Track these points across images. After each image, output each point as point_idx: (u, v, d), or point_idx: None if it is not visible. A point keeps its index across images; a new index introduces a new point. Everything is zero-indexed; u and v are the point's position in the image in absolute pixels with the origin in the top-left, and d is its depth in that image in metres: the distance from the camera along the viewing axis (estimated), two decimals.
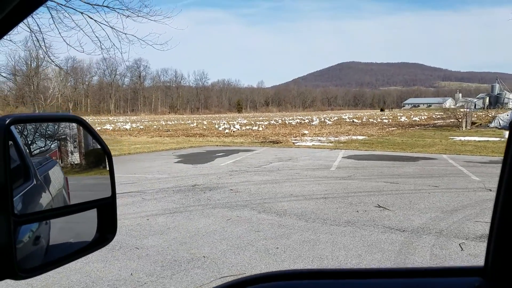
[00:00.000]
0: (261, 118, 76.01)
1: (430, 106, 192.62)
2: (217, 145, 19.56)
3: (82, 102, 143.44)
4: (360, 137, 23.34)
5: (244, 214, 6.64)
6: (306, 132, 27.00)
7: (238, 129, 34.12)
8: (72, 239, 0.79)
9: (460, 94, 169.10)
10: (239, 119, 67.63)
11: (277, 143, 20.05)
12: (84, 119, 0.80)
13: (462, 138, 21.37)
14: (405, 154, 14.88)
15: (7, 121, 0.61)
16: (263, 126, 35.20)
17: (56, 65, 15.41)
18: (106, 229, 0.76)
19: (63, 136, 0.87)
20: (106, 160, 0.82)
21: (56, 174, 0.81)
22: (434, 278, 0.64)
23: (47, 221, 0.72)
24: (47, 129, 0.82)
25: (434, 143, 19.13)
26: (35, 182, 0.74)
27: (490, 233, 0.61)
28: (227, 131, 31.38)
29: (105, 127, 42.01)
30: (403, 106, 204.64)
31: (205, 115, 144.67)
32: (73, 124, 0.85)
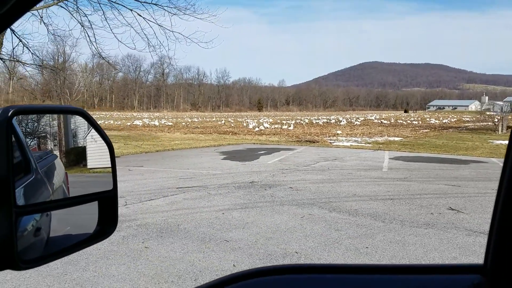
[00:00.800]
0: (284, 117, 75.86)
1: (455, 108, 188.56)
2: (254, 143, 19.63)
3: (107, 98, 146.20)
4: (396, 139, 23.05)
5: (315, 212, 6.66)
6: (339, 132, 26.83)
7: (268, 127, 34.18)
8: (72, 232, 0.79)
9: (487, 97, 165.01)
10: (263, 118, 67.73)
11: (314, 142, 19.99)
12: (87, 111, 0.79)
13: (503, 142, 20.86)
14: (451, 157, 14.64)
15: (10, 112, 0.60)
16: (292, 126, 35.10)
17: (107, 61, 15.76)
18: (107, 222, 0.75)
19: (43, 134, 0.84)
20: (108, 153, 0.80)
21: (56, 168, 0.80)
22: (434, 275, 0.64)
23: (48, 213, 0.73)
24: (27, 126, 0.79)
25: (476, 146, 18.74)
26: (35, 176, 0.73)
27: (490, 231, 0.60)
28: (257, 129, 31.48)
29: (134, 123, 42.70)
30: (428, 108, 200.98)
31: (226, 113, 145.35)
32: (54, 122, 0.82)
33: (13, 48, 16.34)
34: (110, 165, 0.79)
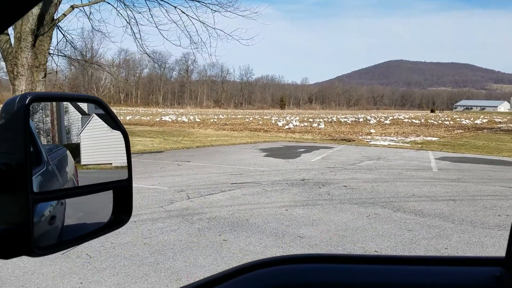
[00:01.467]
0: (307, 115, 75.47)
1: (483, 109, 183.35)
2: (289, 141, 19.63)
3: (132, 94, 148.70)
4: (433, 139, 22.62)
5: (379, 212, 6.63)
6: (372, 131, 26.53)
7: (296, 125, 34.11)
8: (86, 221, 0.79)
9: None
10: (288, 115, 67.58)
11: (350, 141, 19.83)
12: (103, 100, 0.78)
13: None
14: (497, 158, 14.29)
15: (28, 98, 0.60)
16: (322, 124, 34.90)
17: (149, 56, 16.00)
18: (122, 211, 0.75)
19: (37, 130, 0.84)
20: (124, 143, 0.80)
21: (66, 161, 0.80)
22: (456, 267, 0.64)
23: (62, 201, 0.74)
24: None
25: None
26: (46, 168, 0.73)
27: None
28: (287, 127, 31.44)
29: (163, 119, 43.31)
30: (455, 108, 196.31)
31: (248, 110, 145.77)
32: (47, 118, 0.82)
33: (57, 43, 16.83)
34: (125, 154, 0.79)
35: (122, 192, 0.74)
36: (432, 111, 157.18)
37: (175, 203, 6.91)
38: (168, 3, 14.42)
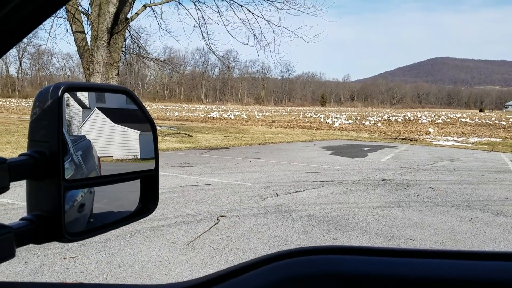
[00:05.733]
0: (350, 113, 74.16)
1: None
2: (348, 139, 19.38)
3: (176, 90, 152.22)
4: (497, 139, 21.59)
5: (480, 215, 6.40)
6: (431, 130, 25.68)
7: (346, 123, 33.62)
8: (114, 209, 0.80)
9: None
10: (333, 113, 66.70)
11: (411, 140, 19.30)
12: (133, 91, 0.78)
13: None
14: None
15: (61, 88, 0.60)
16: (373, 122, 34.19)
17: (217, 56, 16.28)
18: (149, 200, 0.76)
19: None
20: (152, 134, 0.80)
21: (89, 153, 0.80)
22: (483, 261, 0.63)
23: (91, 190, 0.74)
24: None
25: None
26: (72, 158, 0.73)
27: None
28: (336, 125, 31.06)
29: (211, 116, 44.01)
30: (506, 107, 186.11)
31: (288, 107, 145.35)
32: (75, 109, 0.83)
33: (125, 43, 17.45)
34: (152, 144, 0.80)
35: (149, 182, 0.75)
36: (481, 110, 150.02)
37: (267, 200, 7.00)
38: (236, 3, 14.57)
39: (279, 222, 5.73)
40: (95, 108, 0.87)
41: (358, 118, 44.69)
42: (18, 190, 0.87)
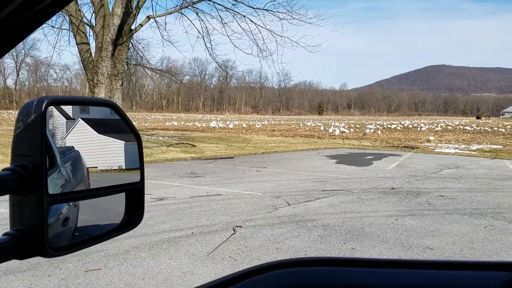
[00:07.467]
0: (347, 121, 74.38)
1: None
2: (351, 148, 19.42)
3: (174, 100, 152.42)
4: (498, 146, 21.69)
5: (494, 223, 6.41)
6: (431, 138, 25.78)
7: (346, 132, 33.71)
8: (99, 223, 0.79)
9: None
10: (331, 121, 66.89)
11: (414, 148, 19.37)
12: (118, 104, 0.77)
13: None
14: None
15: (45, 102, 0.60)
16: (373, 130, 34.31)
17: (219, 66, 16.35)
18: (134, 213, 0.75)
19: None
20: (137, 146, 0.79)
21: (78, 164, 0.79)
22: (465, 271, 0.64)
23: (76, 203, 0.73)
24: None
25: None
26: (59, 170, 0.73)
27: None
28: (337, 133, 31.13)
29: (211, 125, 44.05)
30: (502, 114, 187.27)
31: (286, 116, 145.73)
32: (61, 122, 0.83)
33: (127, 53, 17.51)
34: (138, 157, 0.79)
35: (134, 194, 0.75)
36: (478, 117, 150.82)
37: (280, 209, 6.99)
38: (239, 13, 14.69)
39: (295, 232, 5.72)
40: (79, 118, 0.87)
41: (357, 126, 44.84)
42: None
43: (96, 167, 0.84)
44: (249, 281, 0.65)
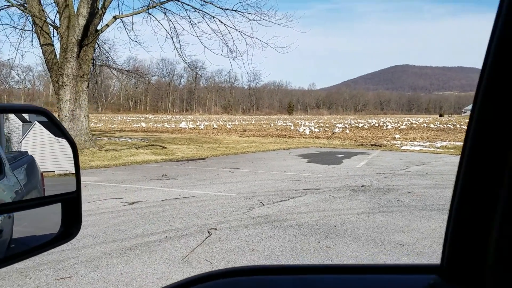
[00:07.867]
0: (317, 120, 75.49)
1: None
2: (321, 147, 19.72)
3: (141, 101, 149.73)
4: (461, 143, 22.59)
5: None
6: (397, 136, 26.55)
7: (315, 131, 34.18)
8: (36, 233, 0.76)
9: None
10: (301, 121, 67.62)
11: (381, 146, 19.88)
12: (50, 111, 0.76)
13: None
14: None
15: None
16: (342, 129, 34.96)
17: (189, 67, 16.17)
18: (71, 224, 0.72)
19: None
20: (72, 154, 0.76)
21: (31, 169, 0.77)
22: (391, 275, 0.63)
23: (10, 215, 0.69)
24: None
25: None
26: (7, 177, 0.70)
27: (446, 231, 0.59)
28: (307, 132, 31.51)
29: (181, 126, 43.56)
30: (464, 112, 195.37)
31: (256, 116, 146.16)
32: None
33: (93, 54, 17.05)
34: (73, 166, 0.76)
35: (71, 205, 0.72)
36: (440, 115, 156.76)
37: (255, 210, 7.00)
38: (208, 14, 14.61)
39: (270, 233, 5.74)
40: (36, 121, 0.83)
41: (327, 125, 45.58)
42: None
43: (54, 171, 0.81)
44: None
